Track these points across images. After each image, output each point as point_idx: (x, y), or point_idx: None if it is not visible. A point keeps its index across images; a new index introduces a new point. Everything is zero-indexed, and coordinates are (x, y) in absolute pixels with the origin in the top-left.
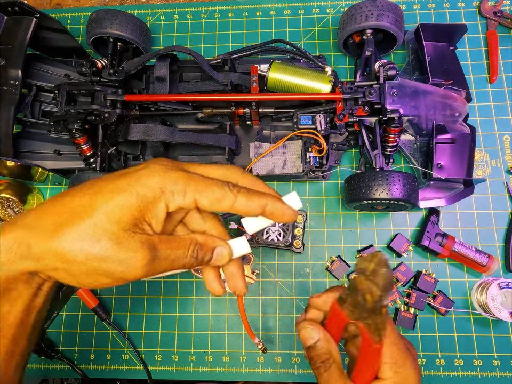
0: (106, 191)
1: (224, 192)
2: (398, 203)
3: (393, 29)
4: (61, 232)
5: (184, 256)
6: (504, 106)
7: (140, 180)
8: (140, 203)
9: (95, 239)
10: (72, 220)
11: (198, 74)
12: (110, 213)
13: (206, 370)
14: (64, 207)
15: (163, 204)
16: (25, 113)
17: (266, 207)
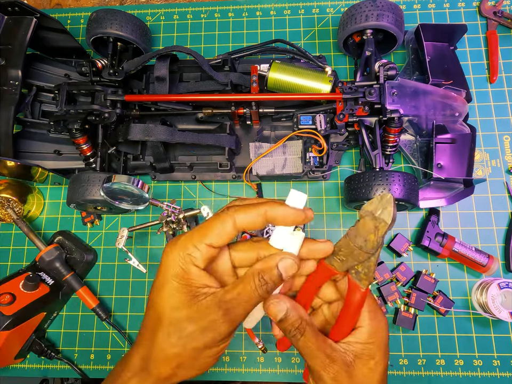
0: (156, 295)
1: (222, 219)
2: (398, 203)
3: (393, 29)
4: (154, 344)
5: (253, 290)
6: (504, 106)
7: (165, 268)
8: (179, 281)
9: (176, 330)
10: (153, 332)
11: (198, 74)
12: (171, 306)
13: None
14: (144, 328)
15: (193, 267)
16: (25, 113)
17: (266, 213)
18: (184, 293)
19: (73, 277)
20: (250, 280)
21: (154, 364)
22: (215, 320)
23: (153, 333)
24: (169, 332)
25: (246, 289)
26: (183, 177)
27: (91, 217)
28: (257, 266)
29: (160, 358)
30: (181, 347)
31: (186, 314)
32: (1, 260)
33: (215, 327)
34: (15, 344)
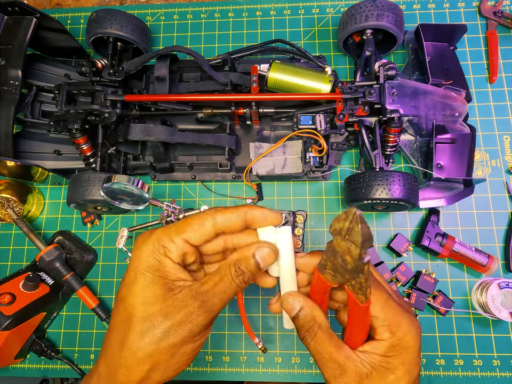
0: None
1: (201, 218)
2: (398, 203)
3: (393, 29)
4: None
5: (230, 280)
6: (504, 106)
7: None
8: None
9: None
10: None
11: (198, 74)
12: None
13: (206, 370)
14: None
15: (168, 260)
16: (25, 113)
17: (246, 214)
18: (159, 285)
19: (73, 277)
20: (227, 270)
21: (125, 369)
22: (191, 312)
23: (123, 334)
24: (142, 330)
25: (222, 280)
26: (183, 177)
27: (91, 217)
28: (233, 256)
29: (130, 362)
30: (155, 346)
31: (160, 308)
32: (1, 260)
33: (191, 319)
34: (15, 344)
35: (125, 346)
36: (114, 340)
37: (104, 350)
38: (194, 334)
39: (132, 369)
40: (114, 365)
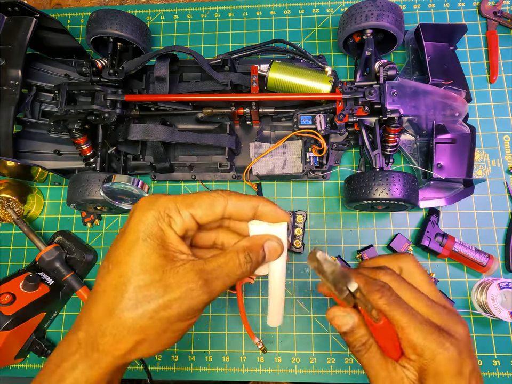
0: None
1: (213, 197)
2: (398, 203)
3: (393, 29)
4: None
5: (237, 265)
6: (504, 106)
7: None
8: (156, 241)
9: (147, 297)
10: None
11: (198, 74)
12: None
13: (206, 370)
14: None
15: (172, 231)
16: (25, 113)
17: (258, 207)
18: (161, 255)
19: (73, 277)
20: (235, 255)
21: (112, 338)
22: (193, 289)
23: (113, 301)
24: (137, 299)
25: (228, 263)
26: (183, 177)
27: (91, 217)
28: (244, 243)
29: (119, 331)
30: (149, 318)
31: (160, 279)
32: (1, 260)
33: (192, 296)
34: (15, 344)
35: (115, 314)
36: (102, 305)
37: (86, 314)
38: (191, 312)
39: (119, 339)
40: (98, 332)
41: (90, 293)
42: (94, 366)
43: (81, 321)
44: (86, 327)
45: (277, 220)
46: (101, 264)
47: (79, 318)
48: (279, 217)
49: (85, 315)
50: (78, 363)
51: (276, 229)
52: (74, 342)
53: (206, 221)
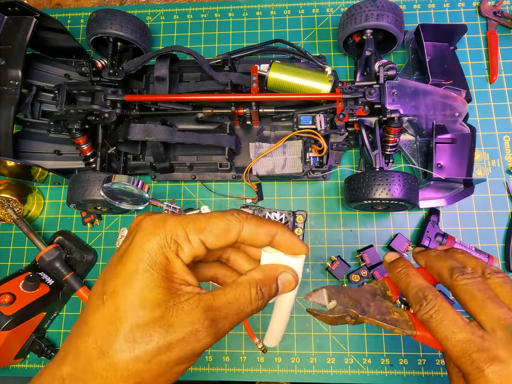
0: (120, 284)
1: (228, 220)
2: (398, 203)
3: (393, 29)
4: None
5: (248, 302)
6: (504, 106)
7: (142, 252)
8: (159, 272)
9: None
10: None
11: (198, 74)
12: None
13: (206, 370)
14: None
15: (179, 260)
16: (25, 113)
17: (276, 235)
18: (163, 288)
19: (73, 277)
20: (247, 289)
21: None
22: (198, 330)
23: (106, 338)
24: (133, 340)
25: (239, 299)
26: (183, 177)
27: (91, 217)
28: (256, 275)
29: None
30: (147, 362)
31: (161, 317)
32: (1, 260)
33: (197, 338)
34: (15, 344)
35: (107, 354)
36: (94, 341)
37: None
38: (193, 355)
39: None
40: (87, 373)
41: (78, 321)
42: None
43: (67, 354)
44: (73, 363)
45: (294, 251)
46: (94, 289)
47: (65, 349)
48: (296, 249)
49: (72, 348)
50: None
51: (292, 260)
52: (57, 378)
53: (219, 246)
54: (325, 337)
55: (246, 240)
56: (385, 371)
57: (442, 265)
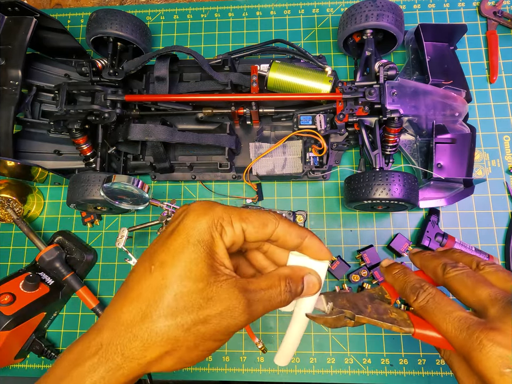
0: (169, 256)
1: (266, 217)
2: (398, 203)
3: (393, 29)
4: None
5: (278, 293)
6: (504, 106)
7: (191, 229)
8: (205, 249)
9: (187, 307)
10: (154, 302)
11: (198, 74)
12: (188, 275)
13: (206, 370)
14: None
15: (222, 242)
16: (25, 113)
17: (305, 239)
18: (207, 264)
19: (73, 277)
20: (277, 281)
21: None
22: (235, 307)
23: (150, 304)
24: (176, 307)
25: (270, 288)
26: (183, 177)
27: (91, 217)
28: (285, 270)
29: (150, 337)
30: (186, 330)
31: (202, 290)
32: (1, 260)
33: (233, 315)
34: (15, 344)
35: (150, 319)
36: (137, 307)
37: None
38: (225, 333)
39: (148, 346)
40: (127, 335)
41: (120, 292)
42: (115, 371)
43: (106, 320)
44: (113, 328)
45: (320, 256)
46: (141, 262)
47: (104, 318)
48: (322, 254)
49: (113, 315)
50: (98, 366)
51: (317, 264)
52: (95, 343)
53: (255, 238)
54: (325, 337)
55: (279, 238)
56: (385, 371)
57: (437, 263)
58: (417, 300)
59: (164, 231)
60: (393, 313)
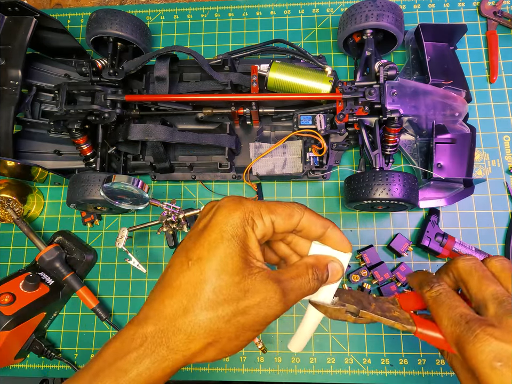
0: (205, 251)
1: (292, 208)
2: (398, 203)
3: (393, 29)
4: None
5: (307, 281)
6: (504, 106)
7: (225, 225)
8: (239, 243)
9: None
10: (194, 296)
11: (198, 74)
12: (224, 269)
13: (206, 370)
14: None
15: (254, 235)
16: (25, 113)
17: (328, 229)
18: (242, 257)
19: (73, 277)
20: (304, 270)
21: (185, 337)
22: (272, 297)
23: (190, 298)
24: (216, 300)
25: (300, 277)
26: (183, 177)
27: (91, 217)
28: (310, 260)
29: (193, 330)
30: (226, 321)
31: (239, 282)
32: (1, 260)
33: (269, 304)
34: (15, 344)
35: (192, 313)
36: (178, 301)
37: (156, 309)
38: (263, 323)
39: (192, 338)
40: (171, 328)
41: (159, 287)
42: (160, 362)
43: (149, 314)
44: (156, 322)
45: (341, 247)
46: (177, 258)
47: (146, 311)
48: (343, 245)
49: (155, 309)
50: (143, 357)
51: (339, 254)
52: (139, 335)
53: (283, 229)
54: (325, 337)
55: (304, 228)
56: (385, 371)
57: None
58: (431, 291)
59: (195, 227)
60: (396, 312)
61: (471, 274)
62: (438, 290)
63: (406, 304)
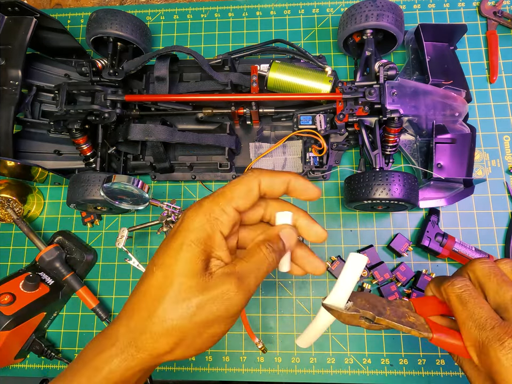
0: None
1: (247, 181)
2: (398, 203)
3: (393, 29)
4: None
5: (263, 258)
6: (504, 106)
7: (187, 231)
8: (200, 246)
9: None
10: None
11: (198, 74)
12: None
13: (206, 370)
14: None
15: (218, 233)
16: (25, 113)
17: (290, 182)
18: (201, 260)
19: (73, 277)
20: (258, 248)
21: (150, 337)
22: (229, 289)
23: (155, 301)
24: (178, 301)
25: (255, 258)
26: (183, 177)
27: (91, 217)
28: (260, 237)
29: (158, 331)
30: (187, 320)
31: (198, 283)
32: (1, 260)
33: (228, 297)
34: (15, 344)
35: (156, 314)
36: (145, 304)
37: (128, 311)
38: (228, 315)
39: (158, 338)
40: (138, 331)
41: (133, 291)
42: (130, 361)
43: (122, 317)
44: (127, 323)
45: (309, 195)
46: (148, 264)
47: (121, 313)
48: (310, 192)
49: (127, 312)
50: (114, 356)
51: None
52: (113, 336)
53: (248, 206)
54: (325, 337)
55: (266, 192)
56: (385, 371)
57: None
58: (453, 286)
59: (167, 236)
60: (411, 317)
61: (490, 277)
62: (461, 286)
63: (422, 309)
